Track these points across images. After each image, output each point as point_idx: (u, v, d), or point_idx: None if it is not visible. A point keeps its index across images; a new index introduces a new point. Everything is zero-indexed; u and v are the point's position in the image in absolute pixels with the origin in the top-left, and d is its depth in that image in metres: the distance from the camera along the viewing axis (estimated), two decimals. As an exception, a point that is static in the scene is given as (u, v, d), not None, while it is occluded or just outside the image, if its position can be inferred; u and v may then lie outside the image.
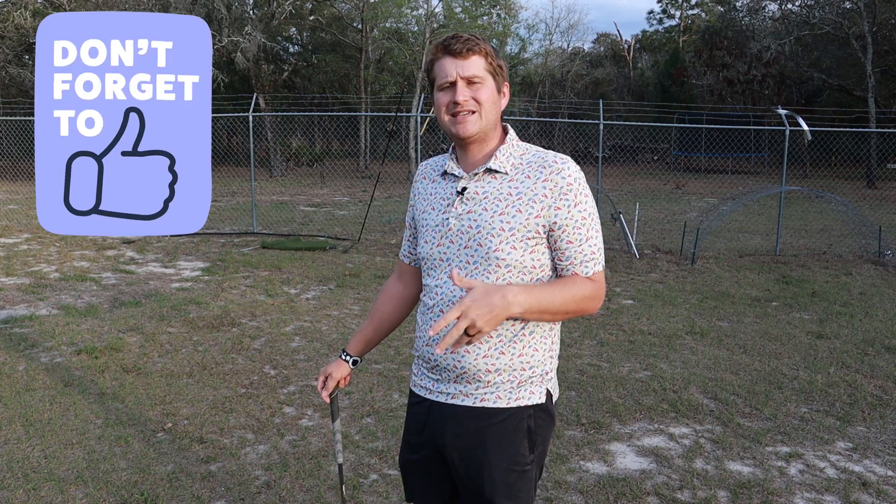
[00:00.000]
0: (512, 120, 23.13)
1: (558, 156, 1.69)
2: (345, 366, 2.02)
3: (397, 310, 2.01)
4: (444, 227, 1.72)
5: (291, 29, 30.61)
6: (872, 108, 22.73)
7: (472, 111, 1.66)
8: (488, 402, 1.71)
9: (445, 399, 1.76)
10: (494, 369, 1.69)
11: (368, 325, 2.02)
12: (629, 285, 7.59)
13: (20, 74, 23.33)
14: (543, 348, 1.74)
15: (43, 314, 6.07)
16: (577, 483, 3.28)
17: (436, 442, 1.78)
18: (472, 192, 1.70)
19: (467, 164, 1.75)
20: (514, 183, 1.68)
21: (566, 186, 1.65)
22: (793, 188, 11.27)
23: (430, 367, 1.78)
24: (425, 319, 1.77)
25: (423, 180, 1.86)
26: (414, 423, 1.85)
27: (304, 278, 7.66)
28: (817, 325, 6.07)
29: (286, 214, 13.57)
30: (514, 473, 1.72)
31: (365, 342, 2.02)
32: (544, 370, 1.75)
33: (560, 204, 1.65)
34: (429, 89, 1.77)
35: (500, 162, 1.69)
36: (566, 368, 4.82)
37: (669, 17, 42.15)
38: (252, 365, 4.83)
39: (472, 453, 1.73)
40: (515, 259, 1.65)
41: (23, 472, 3.31)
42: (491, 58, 1.68)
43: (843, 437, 3.84)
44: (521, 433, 1.72)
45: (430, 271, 1.76)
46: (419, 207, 1.83)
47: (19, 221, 11.96)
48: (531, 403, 1.73)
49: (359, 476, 3.32)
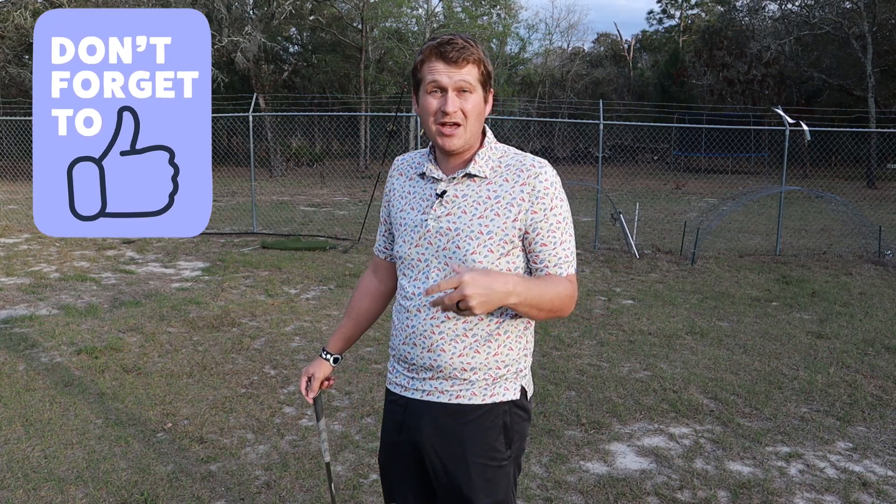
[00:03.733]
0: (512, 120, 23.11)
1: (535, 159, 1.71)
2: (326, 365, 2.02)
3: (374, 305, 2.02)
4: (422, 229, 1.72)
5: (291, 29, 30.62)
6: (872, 108, 22.73)
7: (457, 124, 1.65)
8: (464, 399, 1.73)
9: (421, 396, 1.77)
10: (470, 367, 1.71)
11: (346, 322, 2.03)
12: (629, 285, 7.59)
13: (20, 74, 23.33)
14: (518, 347, 1.76)
15: (43, 314, 6.07)
16: (577, 483, 3.28)
17: (413, 440, 1.79)
18: (452, 196, 1.71)
19: (446, 167, 1.75)
20: (492, 186, 1.69)
21: (543, 190, 1.67)
22: (793, 188, 11.27)
23: (407, 366, 1.79)
24: (401, 318, 1.78)
25: (400, 177, 1.85)
26: (391, 421, 1.87)
27: (304, 278, 7.66)
28: (817, 325, 6.07)
29: (286, 214, 13.57)
30: (490, 469, 1.73)
31: (344, 340, 2.04)
32: (519, 368, 1.78)
33: (536, 208, 1.67)
34: (412, 87, 1.75)
35: (479, 166, 1.70)
36: (566, 368, 4.82)
37: (669, 17, 42.17)
38: (252, 365, 4.83)
39: (448, 450, 1.74)
40: (492, 262, 1.67)
41: (23, 472, 3.31)
42: (483, 66, 1.67)
43: (843, 437, 3.84)
44: (496, 429, 1.74)
45: (407, 271, 1.77)
46: (396, 205, 1.83)
47: (19, 221, 11.96)
48: (506, 399, 1.75)
49: (359, 476, 3.32)
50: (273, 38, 26.64)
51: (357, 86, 28.90)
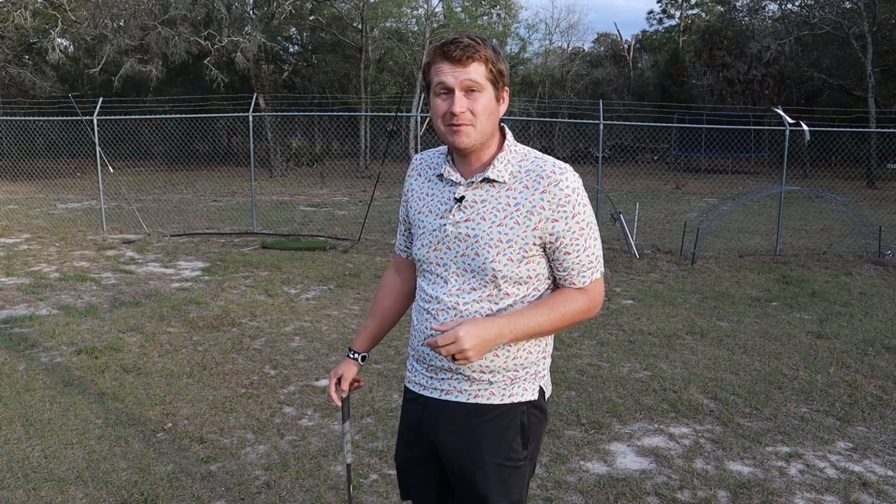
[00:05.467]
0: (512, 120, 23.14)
1: (557, 164, 1.67)
2: (355, 365, 2.02)
3: (398, 304, 2.02)
4: (440, 233, 1.71)
5: (291, 29, 30.59)
6: (872, 108, 22.72)
7: (467, 123, 1.62)
8: (482, 399, 1.73)
9: (440, 395, 1.77)
10: (489, 370, 1.71)
11: (371, 321, 2.03)
12: (629, 285, 7.59)
13: (20, 74, 23.33)
14: (537, 350, 1.76)
15: (43, 314, 6.07)
16: (577, 483, 3.28)
17: (430, 438, 1.79)
18: (471, 201, 1.69)
19: (465, 170, 1.72)
20: (511, 193, 1.66)
21: (564, 198, 1.64)
22: (793, 188, 11.27)
23: (426, 366, 1.79)
24: (420, 319, 1.78)
25: (419, 177, 1.84)
26: (409, 419, 1.86)
27: (304, 278, 7.66)
28: (817, 325, 6.07)
29: (286, 214, 13.56)
30: (507, 469, 1.73)
31: (370, 339, 2.03)
32: (537, 369, 1.78)
33: (558, 216, 1.65)
34: (425, 91, 1.73)
35: (498, 171, 1.67)
36: (566, 368, 4.82)
37: (669, 17, 42.15)
38: (252, 365, 4.83)
39: (465, 450, 1.74)
40: (511, 270, 1.66)
41: (23, 472, 3.31)
42: (491, 64, 1.62)
43: (843, 437, 3.84)
44: (514, 429, 1.74)
45: (426, 274, 1.77)
46: (414, 206, 1.82)
47: (19, 221, 11.96)
48: (524, 400, 1.75)
49: (359, 476, 3.32)
50: (273, 38, 26.63)
51: (357, 86, 28.88)
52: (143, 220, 11.81)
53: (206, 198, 16.11)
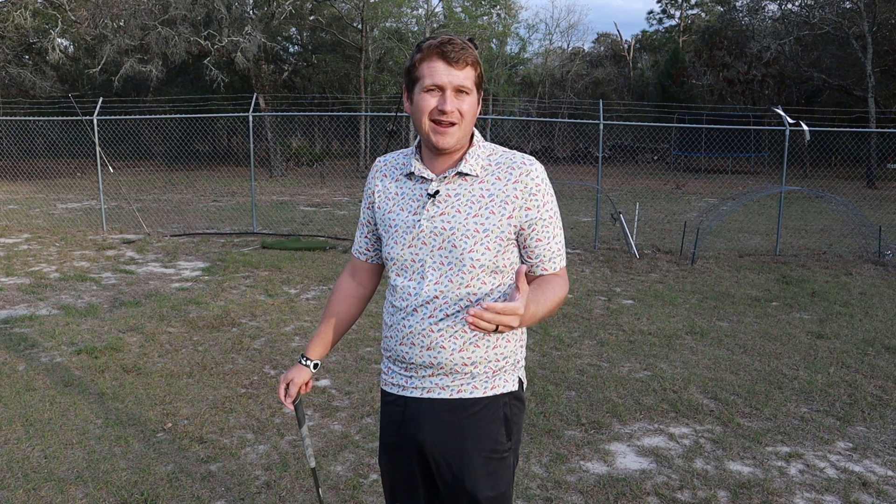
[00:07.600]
0: (512, 120, 23.08)
1: (525, 157, 1.74)
2: (306, 371, 2.01)
3: (353, 308, 2.00)
4: (415, 229, 1.72)
5: (291, 29, 30.61)
6: (872, 108, 22.73)
7: (454, 123, 1.66)
8: (465, 393, 1.74)
9: (421, 394, 1.77)
10: (471, 362, 1.73)
11: (325, 326, 2.00)
12: (629, 285, 7.59)
13: (20, 74, 23.33)
14: (515, 339, 1.79)
15: (43, 314, 6.07)
16: (577, 483, 3.28)
17: (414, 439, 1.78)
18: (445, 195, 1.72)
19: (435, 167, 1.74)
20: (485, 185, 1.71)
21: (535, 187, 1.70)
22: (793, 188, 11.27)
23: (405, 366, 1.79)
24: (396, 320, 1.77)
25: (384, 178, 1.84)
26: (389, 422, 1.86)
27: (304, 278, 7.66)
28: (817, 325, 6.07)
29: (286, 214, 13.56)
30: (493, 461, 1.74)
31: (324, 345, 2.02)
32: (516, 359, 1.80)
33: (531, 205, 1.70)
34: (406, 85, 1.73)
35: (470, 165, 1.71)
36: (566, 368, 4.82)
37: (669, 17, 42.17)
38: (252, 365, 4.83)
39: (450, 446, 1.74)
40: (489, 260, 1.69)
41: (23, 472, 3.31)
42: (479, 68, 1.69)
43: (843, 437, 3.84)
44: (498, 422, 1.75)
45: (401, 272, 1.76)
46: (383, 207, 1.81)
47: (19, 221, 11.96)
48: (506, 391, 1.77)
49: (358, 476, 3.32)
50: (273, 38, 26.64)
51: (357, 86, 28.89)
52: (143, 220, 11.81)
53: (206, 198, 16.11)
